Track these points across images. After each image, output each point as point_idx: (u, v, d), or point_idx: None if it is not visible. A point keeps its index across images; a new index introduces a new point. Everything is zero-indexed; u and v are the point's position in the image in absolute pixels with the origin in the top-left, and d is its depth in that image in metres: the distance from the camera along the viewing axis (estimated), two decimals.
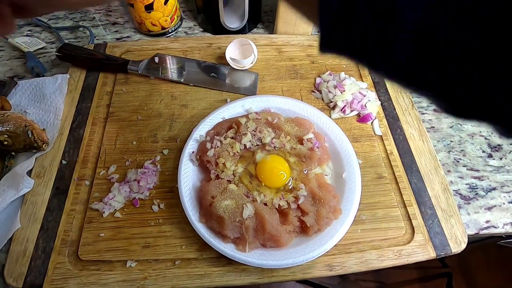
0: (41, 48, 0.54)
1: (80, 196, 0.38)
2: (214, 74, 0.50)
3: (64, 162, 0.40)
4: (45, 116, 0.44)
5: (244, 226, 0.34)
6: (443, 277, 1.07)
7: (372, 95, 0.47)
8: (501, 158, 0.46)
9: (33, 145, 0.39)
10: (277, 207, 0.36)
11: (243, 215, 0.34)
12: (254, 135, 0.39)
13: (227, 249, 0.33)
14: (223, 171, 0.37)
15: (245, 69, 0.50)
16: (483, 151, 0.47)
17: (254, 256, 0.33)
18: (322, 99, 0.48)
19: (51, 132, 0.42)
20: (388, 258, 0.36)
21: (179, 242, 0.36)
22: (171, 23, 0.56)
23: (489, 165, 0.45)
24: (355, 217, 0.36)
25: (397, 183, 0.41)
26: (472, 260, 1.03)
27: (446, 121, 0.49)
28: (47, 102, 0.45)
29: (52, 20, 0.59)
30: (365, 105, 0.46)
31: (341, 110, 0.46)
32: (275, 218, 0.35)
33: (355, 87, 0.47)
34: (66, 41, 0.55)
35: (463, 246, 0.37)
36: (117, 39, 0.57)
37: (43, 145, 0.40)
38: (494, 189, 0.43)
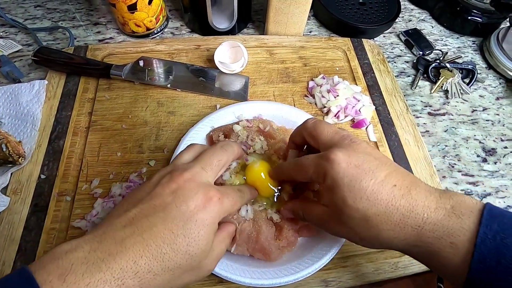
0: (17, 51, 0.51)
1: (60, 213, 0.36)
2: (202, 78, 0.48)
3: (42, 176, 0.38)
4: (21, 126, 0.41)
5: (240, 227, 0.32)
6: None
7: (366, 99, 0.46)
8: (495, 163, 0.45)
9: (8, 160, 0.36)
10: (271, 220, 0.34)
11: (241, 212, 0.32)
12: (246, 143, 0.38)
13: (218, 268, 0.32)
14: (222, 184, 0.34)
15: (235, 73, 0.48)
16: (478, 155, 0.46)
17: (247, 275, 0.32)
18: (316, 104, 0.46)
19: (28, 144, 0.39)
20: (385, 271, 0.35)
21: None
22: (157, 23, 0.53)
23: (483, 170, 0.45)
24: None
25: None
26: None
27: (440, 125, 0.48)
28: (24, 111, 0.42)
29: (28, 21, 0.55)
30: (359, 110, 0.45)
31: (335, 116, 0.44)
32: (271, 232, 0.34)
33: (349, 91, 0.46)
34: (44, 43, 0.52)
35: None
36: (99, 40, 0.54)
37: (19, 159, 0.37)
38: (489, 194, 0.43)
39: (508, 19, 0.55)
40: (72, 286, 0.19)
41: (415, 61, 0.55)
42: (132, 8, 0.48)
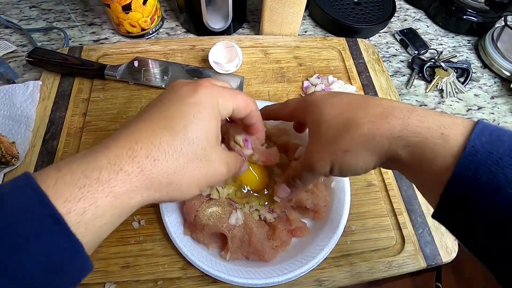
0: (12, 52, 0.51)
1: None
2: (197, 78, 0.48)
3: None
4: (15, 127, 0.41)
5: (230, 234, 0.32)
6: (433, 270, 1.09)
7: None
8: None
9: (1, 160, 0.36)
10: (265, 220, 0.34)
11: (230, 221, 0.32)
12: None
13: (211, 268, 0.32)
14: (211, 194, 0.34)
15: (230, 73, 0.48)
16: None
17: (240, 275, 0.32)
18: None
19: (21, 145, 0.39)
20: (379, 270, 0.35)
21: (161, 260, 0.34)
22: (152, 24, 0.53)
23: None
24: (344, 228, 0.35)
25: (387, 190, 0.40)
26: (460, 252, 1.05)
27: None
28: (17, 111, 0.42)
29: (23, 21, 0.55)
30: None
31: None
32: (263, 232, 0.34)
33: (344, 91, 0.46)
34: (39, 44, 0.52)
35: (454, 255, 0.36)
36: (94, 41, 0.54)
37: (13, 160, 0.37)
38: None
39: (503, 19, 0.56)
40: (67, 174, 0.19)
41: (410, 60, 0.55)
42: (127, 8, 0.48)
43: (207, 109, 0.23)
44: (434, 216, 0.21)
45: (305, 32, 0.59)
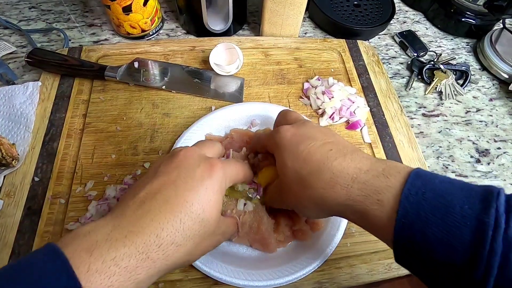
0: (11, 53, 0.50)
1: (54, 216, 0.36)
2: (197, 80, 0.48)
3: (36, 179, 0.38)
4: (15, 128, 0.41)
5: (241, 220, 0.32)
6: None
7: (361, 101, 0.46)
8: (488, 163, 0.46)
9: (1, 162, 0.36)
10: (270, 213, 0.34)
11: (238, 207, 0.32)
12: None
13: (212, 270, 0.32)
14: None
15: (231, 74, 0.48)
16: (471, 156, 0.46)
17: (241, 277, 0.32)
18: (311, 105, 0.47)
19: (21, 146, 0.39)
20: (379, 272, 0.35)
21: None
22: (152, 25, 0.53)
23: (477, 171, 0.45)
24: (344, 230, 0.35)
25: None
26: None
27: (434, 126, 0.49)
28: (17, 113, 0.42)
29: (22, 22, 0.55)
30: (354, 112, 0.45)
31: (330, 117, 0.45)
32: (271, 223, 0.34)
33: (344, 93, 0.46)
34: (39, 45, 0.52)
35: None
36: (94, 42, 0.54)
37: (13, 161, 0.37)
38: None
39: (501, 21, 0.56)
40: (99, 259, 0.19)
41: (409, 62, 0.55)
42: (127, 9, 0.48)
43: (219, 192, 0.26)
44: (396, 261, 0.23)
45: (305, 33, 0.59)
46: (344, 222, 0.35)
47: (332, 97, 0.45)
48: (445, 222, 0.19)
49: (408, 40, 0.57)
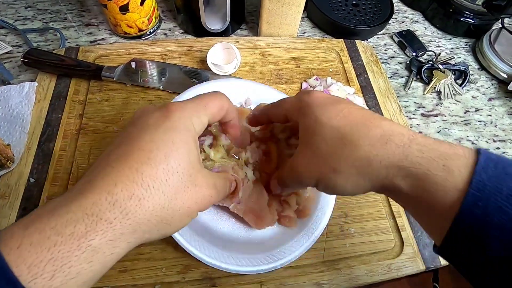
0: (7, 53, 0.50)
1: None
2: (195, 80, 0.47)
3: (32, 180, 0.37)
4: (10, 129, 0.40)
5: (244, 185, 0.31)
6: (430, 271, 1.09)
7: (359, 100, 0.46)
8: None
9: None
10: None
11: (240, 172, 0.31)
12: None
13: (200, 252, 0.32)
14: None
15: (229, 74, 0.48)
16: None
17: (232, 262, 0.32)
18: None
19: (17, 147, 0.39)
20: (378, 273, 0.35)
21: (159, 264, 0.34)
22: (149, 24, 0.53)
23: None
24: (343, 231, 0.35)
25: None
26: None
27: (433, 126, 0.49)
28: (13, 113, 0.41)
29: (19, 22, 0.54)
30: None
31: None
32: (267, 200, 0.33)
33: (342, 93, 0.46)
34: (35, 45, 0.52)
35: None
36: (91, 41, 0.53)
37: (8, 162, 0.37)
38: None
39: (500, 21, 0.56)
40: (35, 232, 0.16)
41: (408, 62, 0.55)
42: (124, 9, 0.48)
43: (184, 132, 0.21)
44: (437, 251, 0.20)
45: (304, 33, 0.59)
46: (330, 208, 0.35)
47: None
48: None
49: (407, 39, 0.57)
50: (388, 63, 0.56)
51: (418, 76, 0.53)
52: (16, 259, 0.15)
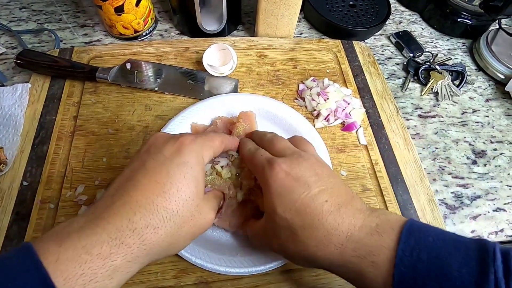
0: (1, 54, 0.49)
1: (43, 221, 0.35)
2: (191, 81, 0.47)
3: (25, 183, 0.37)
4: (3, 131, 0.40)
5: (226, 200, 0.33)
6: None
7: (356, 102, 0.46)
8: (485, 165, 0.45)
9: None
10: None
11: (230, 193, 0.32)
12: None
13: (194, 256, 0.32)
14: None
15: (225, 76, 0.47)
16: (468, 158, 0.46)
17: (225, 264, 0.32)
18: (306, 107, 0.46)
19: (10, 150, 0.38)
20: None
21: (154, 268, 0.33)
22: (145, 25, 0.52)
23: (473, 172, 0.45)
24: None
25: (382, 195, 0.40)
26: None
27: (431, 127, 0.48)
28: (5, 115, 0.41)
29: (13, 23, 0.54)
30: (349, 113, 0.44)
31: (325, 119, 0.44)
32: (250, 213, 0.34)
33: (339, 94, 0.45)
34: (29, 46, 0.51)
35: None
36: (86, 43, 0.53)
37: (1, 166, 0.36)
38: (479, 197, 0.43)
39: (497, 21, 0.56)
40: (68, 249, 0.19)
41: (405, 63, 0.55)
42: (119, 10, 0.47)
43: (195, 167, 0.25)
44: None
45: (300, 34, 0.58)
46: None
47: (328, 98, 0.44)
48: None
49: (404, 40, 0.57)
50: (385, 64, 0.56)
51: (416, 77, 0.53)
52: (55, 272, 0.18)
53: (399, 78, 0.54)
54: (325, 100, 0.44)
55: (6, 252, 0.20)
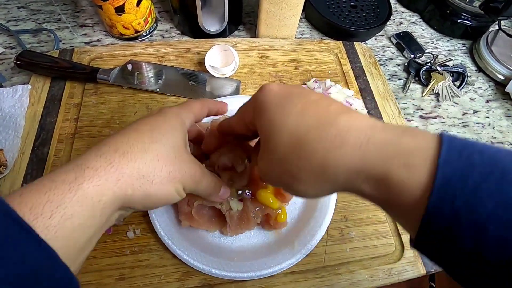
0: None
1: None
2: (193, 82, 0.47)
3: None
4: (3, 133, 0.39)
5: (229, 215, 0.33)
6: None
7: (358, 103, 0.46)
8: None
9: None
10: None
11: (231, 205, 0.33)
12: None
13: (203, 264, 0.32)
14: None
15: (227, 77, 0.47)
16: None
17: (230, 269, 0.32)
18: None
19: (10, 152, 0.38)
20: (379, 278, 0.34)
21: (157, 271, 0.33)
22: (145, 26, 0.52)
23: None
24: (344, 235, 0.35)
25: None
26: None
27: (432, 128, 0.49)
28: (5, 117, 0.40)
29: (11, 22, 0.53)
30: None
31: None
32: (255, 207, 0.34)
33: (341, 95, 0.45)
34: (28, 46, 0.50)
35: None
36: (86, 43, 0.52)
37: (1, 168, 0.36)
38: None
39: (497, 23, 0.56)
40: (34, 184, 0.19)
41: (406, 64, 0.55)
42: (120, 10, 0.47)
43: (172, 118, 0.25)
44: (412, 246, 0.19)
45: (302, 35, 0.58)
46: (330, 211, 0.35)
47: None
48: (504, 193, 0.14)
49: (405, 41, 0.57)
50: (386, 65, 0.56)
51: (417, 78, 0.53)
52: (19, 204, 0.17)
53: (400, 79, 0.54)
54: None
55: None
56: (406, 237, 0.37)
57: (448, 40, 0.60)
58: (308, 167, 0.20)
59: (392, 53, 0.57)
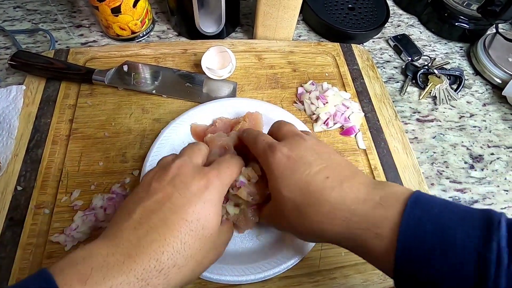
0: None
1: (38, 227, 0.34)
2: (189, 84, 0.46)
3: (19, 188, 0.36)
4: None
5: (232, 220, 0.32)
6: None
7: (355, 106, 0.46)
8: (482, 169, 0.46)
9: None
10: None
11: (230, 211, 0.32)
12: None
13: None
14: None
15: (223, 79, 0.47)
16: (465, 162, 0.46)
17: (225, 273, 0.32)
18: (305, 110, 0.46)
19: (3, 153, 0.38)
20: (373, 283, 0.34)
21: None
22: (142, 26, 0.52)
23: (471, 177, 0.45)
24: None
25: None
26: None
27: (429, 131, 0.48)
28: None
29: (7, 23, 0.53)
30: (348, 117, 0.44)
31: (324, 123, 0.44)
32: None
33: (338, 98, 0.45)
34: (24, 46, 0.50)
35: None
36: (82, 43, 0.52)
37: None
38: (476, 201, 0.43)
39: (494, 26, 0.56)
40: None
41: (403, 66, 0.55)
42: (116, 11, 0.47)
43: (218, 204, 0.26)
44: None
45: (299, 37, 0.58)
46: None
47: (327, 102, 0.44)
48: (447, 258, 0.19)
49: (402, 44, 0.57)
50: (384, 68, 0.56)
51: (414, 81, 0.53)
52: None
53: (398, 82, 0.54)
54: (324, 104, 0.44)
55: (24, 280, 0.19)
56: None
57: (445, 43, 0.60)
58: (308, 229, 0.26)
59: (390, 55, 0.57)
